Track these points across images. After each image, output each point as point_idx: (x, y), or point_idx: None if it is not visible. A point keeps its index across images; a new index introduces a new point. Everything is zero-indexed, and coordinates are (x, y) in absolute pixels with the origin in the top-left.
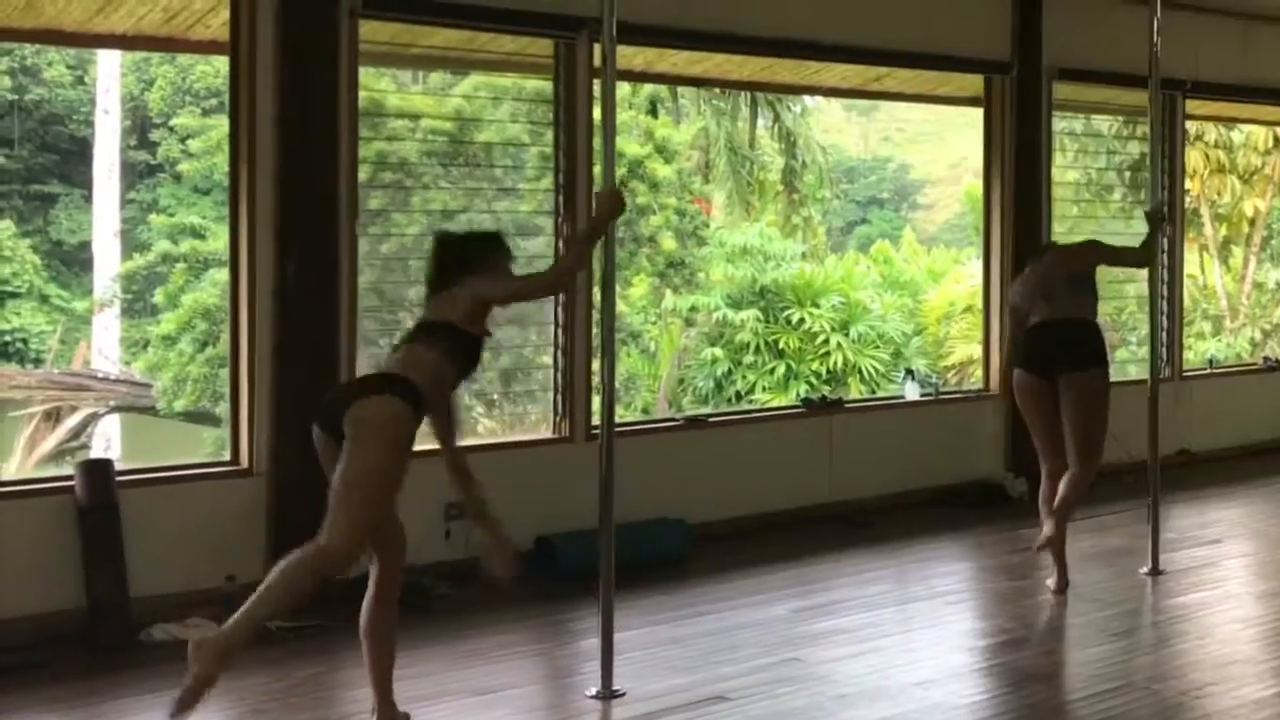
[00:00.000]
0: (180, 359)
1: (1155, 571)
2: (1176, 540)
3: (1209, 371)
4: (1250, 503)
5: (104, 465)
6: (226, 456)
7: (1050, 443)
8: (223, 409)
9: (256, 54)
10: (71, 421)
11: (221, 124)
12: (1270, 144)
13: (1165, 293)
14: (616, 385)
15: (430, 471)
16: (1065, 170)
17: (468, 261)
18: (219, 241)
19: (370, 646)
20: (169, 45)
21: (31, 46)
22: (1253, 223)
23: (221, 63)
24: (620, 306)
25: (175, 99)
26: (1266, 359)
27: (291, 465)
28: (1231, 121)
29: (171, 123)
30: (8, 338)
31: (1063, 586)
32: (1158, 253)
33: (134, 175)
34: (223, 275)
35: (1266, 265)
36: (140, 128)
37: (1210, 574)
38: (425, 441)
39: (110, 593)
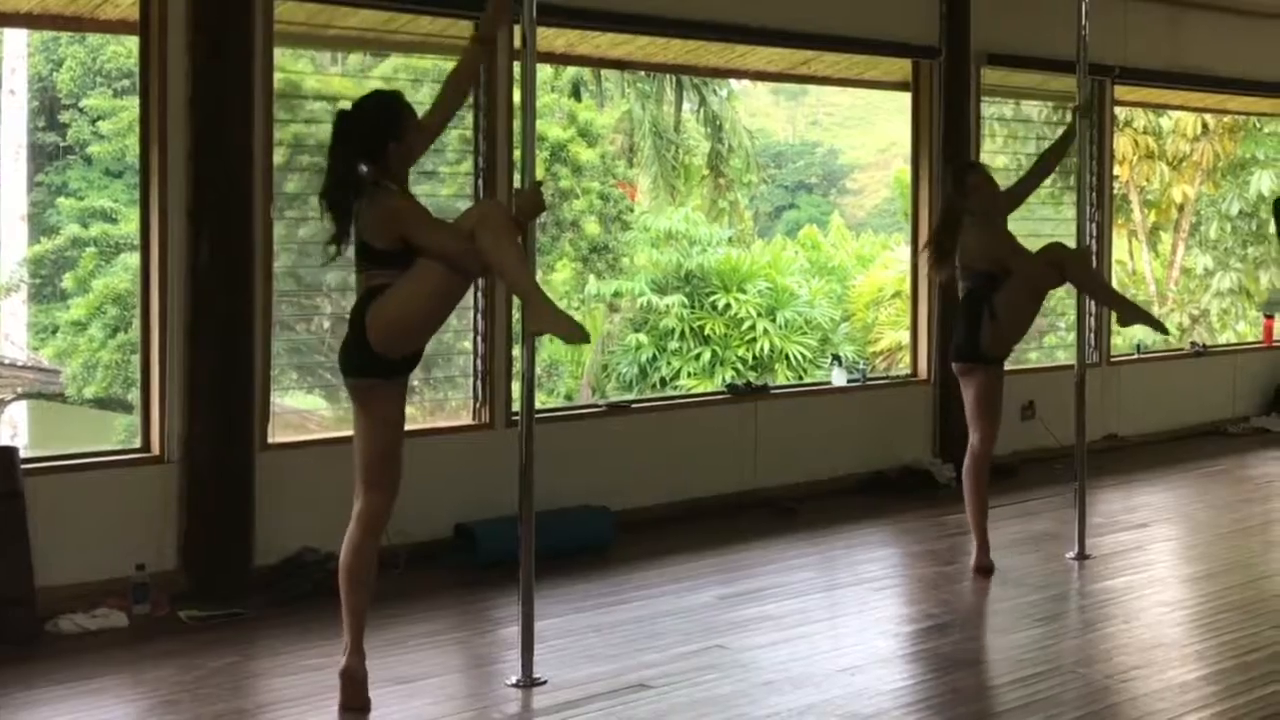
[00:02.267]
0: (90, 345)
1: (1082, 556)
2: (1103, 525)
3: (1136, 357)
4: (1176, 487)
5: (8, 452)
6: (137, 444)
7: None
8: (134, 395)
9: (168, 33)
10: None
11: (134, 105)
12: (1199, 130)
13: None
14: (539, 371)
15: (349, 459)
16: (995, 155)
17: None
18: (131, 225)
19: (350, 588)
20: (77, 24)
21: None
22: (1181, 209)
23: (134, 42)
24: None
25: (86, 79)
26: (1194, 344)
27: (204, 452)
28: (1160, 108)
29: (82, 104)
30: None
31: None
32: (1073, 141)
33: (42, 157)
34: (134, 260)
35: (1195, 251)
36: (49, 109)
37: (1136, 558)
38: (342, 428)
39: (15, 583)
